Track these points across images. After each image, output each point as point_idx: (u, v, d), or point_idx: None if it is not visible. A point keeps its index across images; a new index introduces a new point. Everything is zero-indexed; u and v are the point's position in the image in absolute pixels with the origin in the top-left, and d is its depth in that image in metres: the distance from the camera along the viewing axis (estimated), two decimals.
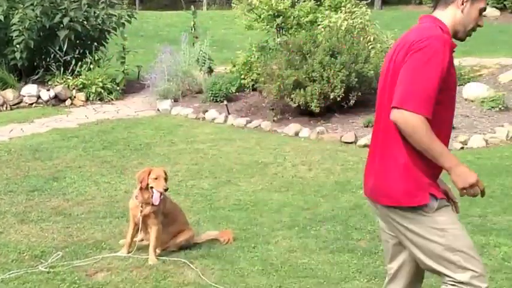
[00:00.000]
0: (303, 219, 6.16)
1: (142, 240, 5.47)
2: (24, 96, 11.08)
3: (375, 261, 5.27)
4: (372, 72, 9.47)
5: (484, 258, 5.23)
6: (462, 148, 8.55)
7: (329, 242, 5.63)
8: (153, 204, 5.21)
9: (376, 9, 24.37)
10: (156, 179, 5.18)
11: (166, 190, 5.24)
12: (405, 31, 3.40)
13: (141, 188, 5.23)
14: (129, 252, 5.33)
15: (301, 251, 5.46)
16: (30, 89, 11.11)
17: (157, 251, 5.31)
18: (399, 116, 3.02)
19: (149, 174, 5.21)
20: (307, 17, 11.08)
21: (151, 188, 5.19)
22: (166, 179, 5.26)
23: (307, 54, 9.45)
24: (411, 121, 2.99)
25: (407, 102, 2.99)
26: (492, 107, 9.63)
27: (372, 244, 5.58)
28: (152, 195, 5.19)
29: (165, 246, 5.41)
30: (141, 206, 5.24)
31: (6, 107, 10.83)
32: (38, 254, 5.34)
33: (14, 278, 4.88)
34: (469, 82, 10.53)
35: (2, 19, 10.91)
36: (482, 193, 3.17)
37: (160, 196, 5.19)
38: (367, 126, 9.15)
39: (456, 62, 11.22)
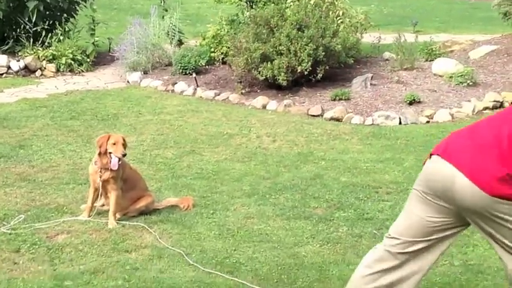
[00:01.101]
0: (263, 188, 6.32)
1: (103, 205, 5.62)
2: None
3: (329, 227, 5.45)
4: (340, 46, 9.57)
5: None
6: (428, 122, 8.71)
7: (286, 209, 5.80)
8: (111, 170, 5.33)
9: None
10: (114, 144, 5.31)
11: (124, 156, 5.37)
12: (381, 5, 3.55)
13: (99, 153, 5.36)
14: (89, 217, 5.47)
15: (258, 217, 5.62)
16: (0, 60, 11.10)
17: (117, 215, 5.46)
18: None
19: (108, 139, 5.33)
20: None
21: (110, 153, 5.32)
22: (124, 145, 5.38)
23: (275, 27, 9.55)
24: None
25: None
26: (460, 82, 9.78)
27: (327, 212, 5.76)
28: (110, 161, 5.31)
29: (125, 211, 5.55)
30: (100, 171, 5.36)
31: None
32: (0, 216, 5.50)
33: None
34: (439, 57, 10.65)
35: None
36: None
37: (118, 161, 5.32)
38: (334, 100, 9.29)
39: (427, 37, 11.48)
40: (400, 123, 8.65)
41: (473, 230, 5.29)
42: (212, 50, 10.83)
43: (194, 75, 10.16)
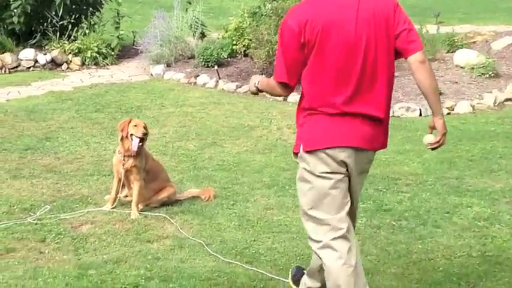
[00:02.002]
0: (282, 179, 6.40)
1: (126, 196, 5.75)
2: (22, 60, 11.31)
3: None
4: None
5: (455, 218, 5.50)
6: (449, 114, 8.72)
7: None
8: (134, 157, 5.46)
9: None
10: (135, 126, 5.46)
11: (145, 136, 5.50)
12: None
13: (122, 139, 5.50)
14: (113, 207, 5.61)
15: (277, 208, 5.71)
16: (27, 53, 11.32)
17: (140, 206, 5.58)
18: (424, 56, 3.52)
19: (129, 122, 5.48)
20: None
21: (131, 135, 5.45)
22: (146, 128, 5.51)
23: None
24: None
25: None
26: (482, 74, 9.75)
27: None
28: (132, 143, 5.44)
29: (148, 202, 5.68)
30: (124, 159, 5.50)
31: (5, 71, 11.06)
32: (27, 207, 5.65)
33: (4, 229, 5.18)
34: (461, 49, 10.63)
35: None
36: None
37: (139, 143, 5.44)
38: None
39: (450, 29, 11.42)
40: (420, 114, 8.68)
41: (492, 221, 5.38)
42: (234, 42, 10.92)
43: (216, 67, 10.26)
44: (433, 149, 3.83)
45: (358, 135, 3.52)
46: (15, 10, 11.15)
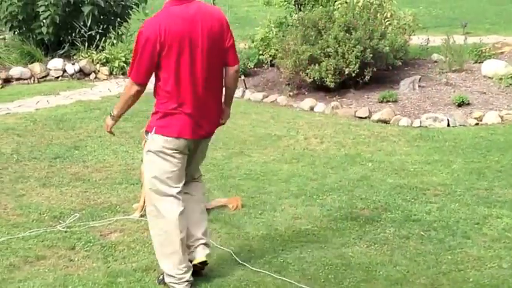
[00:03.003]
0: (310, 189, 6.40)
1: None
2: (50, 69, 11.44)
3: (376, 228, 5.50)
4: (388, 48, 9.59)
5: (485, 228, 5.45)
6: (477, 124, 8.64)
7: (333, 210, 5.87)
8: None
9: None
10: None
11: None
12: (430, 7, 3.66)
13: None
14: (141, 216, 5.64)
15: (305, 218, 5.71)
16: (56, 63, 11.46)
17: None
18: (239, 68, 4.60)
19: None
20: None
21: None
22: None
23: (323, 30, 9.62)
24: None
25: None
26: (510, 84, 9.67)
27: (374, 213, 5.81)
28: None
29: None
30: None
31: (34, 80, 11.20)
32: (57, 215, 5.73)
33: (34, 236, 5.26)
34: (488, 59, 10.55)
35: None
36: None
37: None
38: (381, 102, 9.31)
39: (477, 39, 11.36)
40: (448, 125, 8.62)
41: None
42: (261, 52, 10.97)
43: (243, 77, 10.30)
44: None
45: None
46: (44, 20, 11.30)
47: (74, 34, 11.73)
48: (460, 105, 9.06)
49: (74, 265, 4.84)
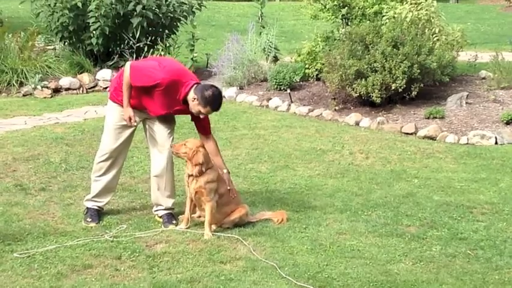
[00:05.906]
0: (355, 204, 6.38)
1: (199, 216, 5.83)
2: (99, 80, 11.64)
3: (422, 246, 5.45)
4: (435, 64, 9.50)
5: None
6: None
7: (378, 226, 5.84)
8: (196, 177, 5.60)
9: (451, 2, 24.11)
10: (184, 145, 5.66)
11: (184, 154, 5.71)
12: (478, 23, 3.64)
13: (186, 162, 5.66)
14: (187, 227, 5.69)
15: (350, 233, 5.69)
16: (105, 74, 11.65)
17: (213, 227, 5.64)
18: None
19: (184, 144, 5.66)
20: (372, 8, 11.19)
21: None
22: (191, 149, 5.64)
23: (370, 44, 9.59)
24: None
25: None
26: None
27: (420, 230, 5.75)
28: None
29: (221, 223, 5.74)
30: (188, 179, 5.61)
31: (83, 90, 11.40)
32: (104, 224, 5.80)
33: (81, 245, 5.34)
34: None
35: (80, 6, 11.45)
36: None
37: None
38: (428, 118, 9.24)
39: None
40: (496, 143, 8.51)
41: None
42: (307, 66, 10.98)
43: (289, 91, 10.32)
44: None
45: None
46: (94, 32, 11.50)
47: (122, 45, 11.91)
48: (508, 123, 8.93)
49: (120, 275, 4.89)
